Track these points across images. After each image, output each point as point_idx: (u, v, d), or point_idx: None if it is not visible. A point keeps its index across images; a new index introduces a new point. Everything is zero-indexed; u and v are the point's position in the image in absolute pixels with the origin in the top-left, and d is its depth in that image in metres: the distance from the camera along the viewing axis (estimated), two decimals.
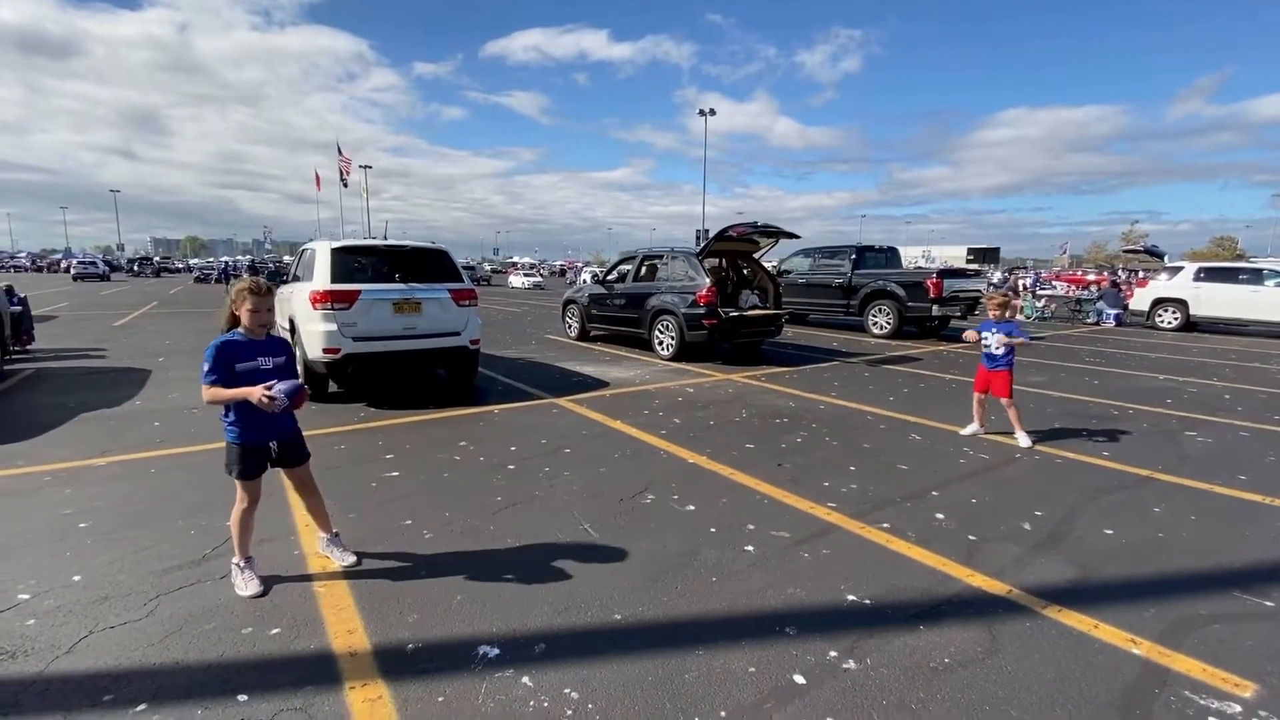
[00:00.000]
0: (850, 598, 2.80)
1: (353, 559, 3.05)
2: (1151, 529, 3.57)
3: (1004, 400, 5.27)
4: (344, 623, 2.56)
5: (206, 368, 2.65)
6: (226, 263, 43.79)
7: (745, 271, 10.85)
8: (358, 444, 5.00)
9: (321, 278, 6.04)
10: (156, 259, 58.85)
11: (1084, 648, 2.45)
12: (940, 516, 3.71)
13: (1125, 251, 37.16)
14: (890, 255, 14.90)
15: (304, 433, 3.06)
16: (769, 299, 10.35)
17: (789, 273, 14.97)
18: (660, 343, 9.51)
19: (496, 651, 2.37)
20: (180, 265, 64.89)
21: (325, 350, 5.89)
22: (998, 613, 2.69)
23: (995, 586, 2.90)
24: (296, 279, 7.18)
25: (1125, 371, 9.15)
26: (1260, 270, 14.89)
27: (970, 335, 5.50)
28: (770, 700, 2.13)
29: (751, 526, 3.52)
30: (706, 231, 36.26)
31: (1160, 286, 15.89)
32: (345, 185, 45.03)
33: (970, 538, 3.42)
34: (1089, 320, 17.30)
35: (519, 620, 2.58)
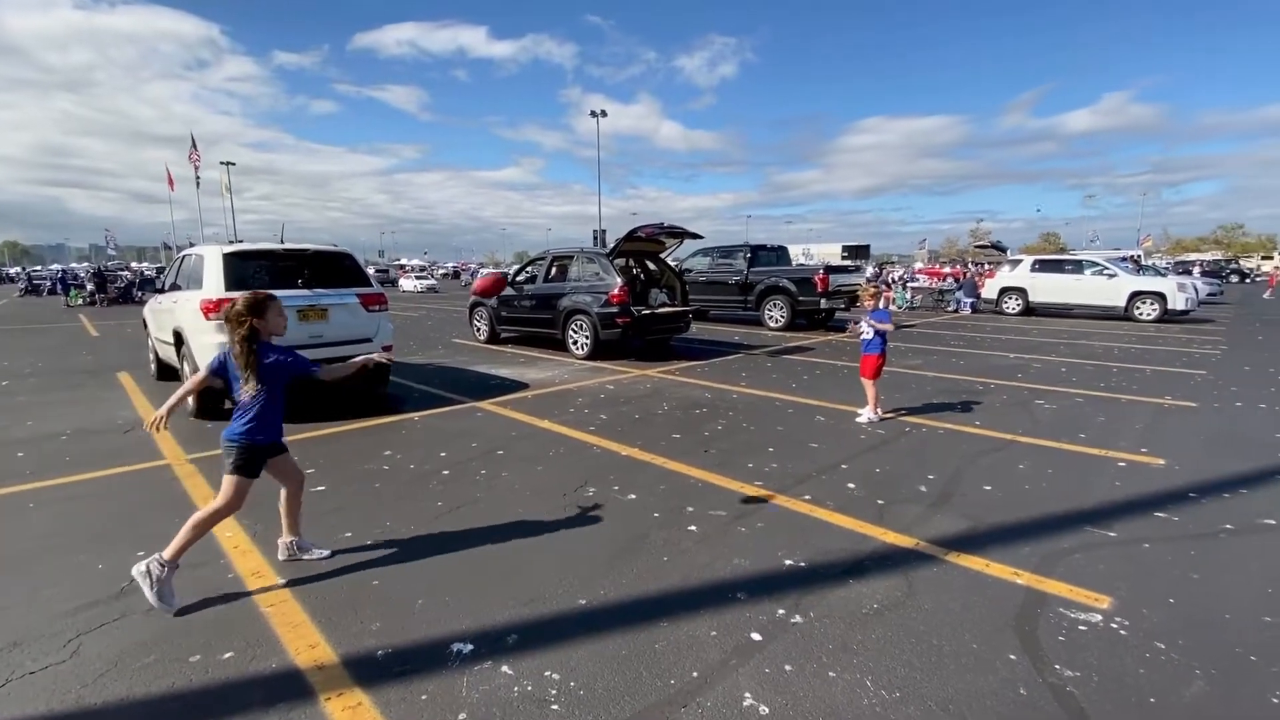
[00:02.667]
0: (788, 562, 3.11)
1: (326, 551, 3.17)
2: (1019, 483, 4.21)
3: (866, 380, 5.89)
4: (303, 638, 2.49)
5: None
6: (64, 271, 38.27)
7: (653, 270, 11.18)
8: None
9: (213, 285, 5.60)
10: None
11: (980, 583, 2.90)
12: (852, 486, 4.15)
13: (975, 247, 41.83)
14: (781, 253, 15.89)
15: (206, 453, 3.03)
16: (677, 296, 10.75)
17: (690, 271, 15.54)
18: (575, 342, 9.61)
19: (470, 647, 2.43)
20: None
21: None
22: (910, 562, 3.11)
23: (905, 541, 3.33)
24: (176, 288, 6.58)
25: (983, 352, 10.43)
26: (1081, 261, 17.44)
27: (853, 329, 6.10)
28: (734, 657, 2.36)
29: (691, 508, 3.77)
30: (604, 232, 36.58)
31: (1005, 277, 18.16)
32: (199, 184, 40.88)
33: (879, 502, 3.87)
34: (950, 308, 19.40)
35: (486, 615, 2.64)
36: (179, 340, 6.02)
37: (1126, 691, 2.16)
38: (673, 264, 11.65)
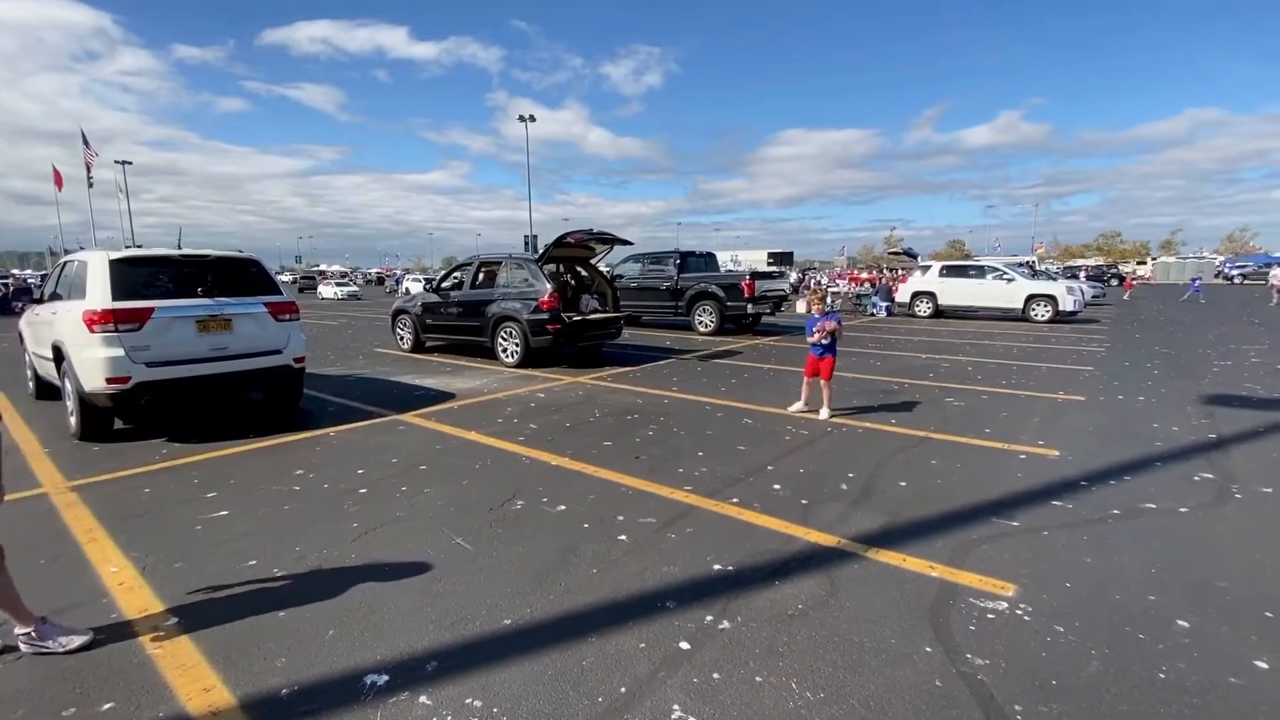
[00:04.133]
0: (716, 567, 3.12)
1: (86, 636, 2.49)
2: (932, 478, 4.43)
3: (825, 380, 6.13)
4: (196, 681, 2.28)
5: None
6: None
7: (584, 276, 11.11)
8: (167, 485, 4.33)
9: (98, 294, 5.09)
10: None
11: (898, 578, 3.01)
12: (777, 487, 4.24)
13: (889, 254, 44.14)
14: (709, 260, 16.18)
15: (94, 478, 2.60)
16: (608, 302, 10.72)
17: (621, 277, 15.56)
18: (504, 350, 9.40)
19: (385, 678, 2.29)
20: None
21: (110, 380, 4.97)
22: (833, 561, 3.19)
23: (828, 539, 3.42)
24: (56, 297, 5.96)
25: (897, 353, 10.98)
26: (983, 266, 18.70)
27: (824, 327, 6.14)
28: (663, 669, 2.34)
29: (621, 517, 3.73)
30: (535, 237, 36.10)
31: (916, 282, 19.22)
32: (91, 184, 37.42)
33: (803, 502, 3.97)
34: (868, 312, 20.34)
35: (404, 642, 2.50)
36: (59, 355, 5.45)
37: (1031, 676, 2.29)
38: (604, 270, 11.63)
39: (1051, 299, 16.61)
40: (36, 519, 3.76)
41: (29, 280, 33.16)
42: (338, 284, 38.51)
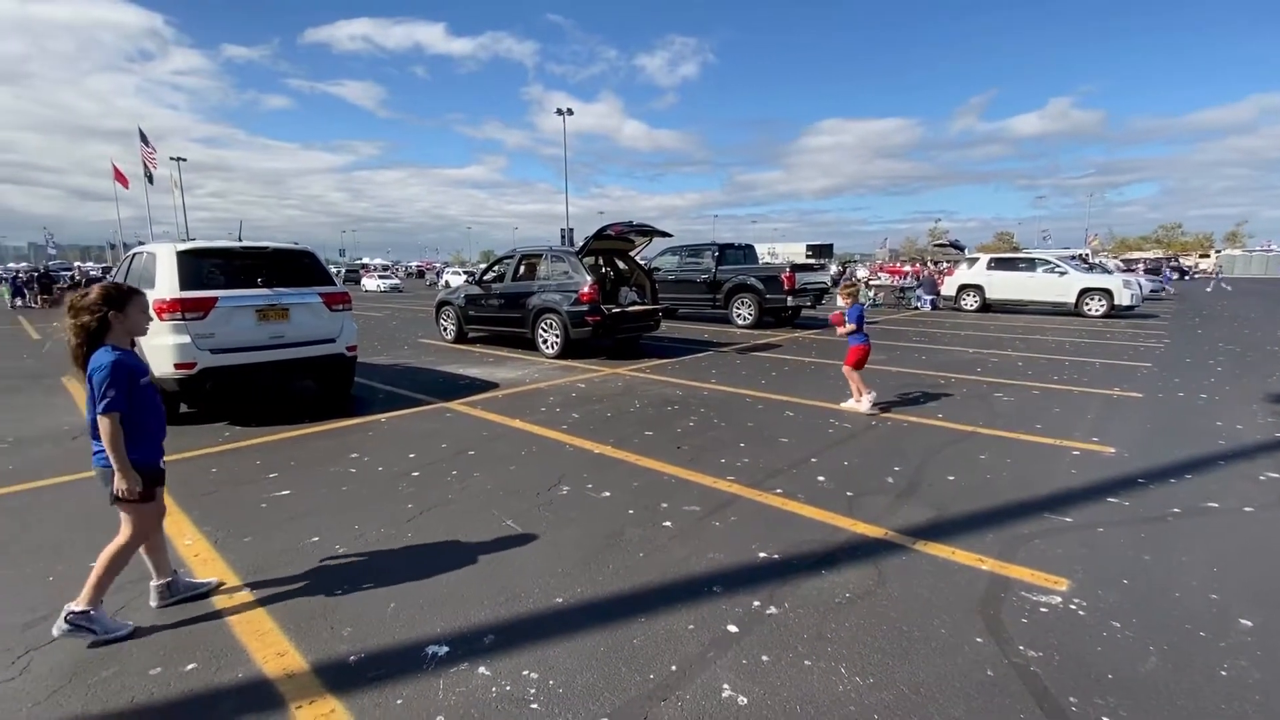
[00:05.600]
0: (761, 555, 3.15)
1: (214, 580, 2.88)
2: (981, 473, 4.35)
3: (847, 368, 6.17)
4: (270, 646, 2.42)
5: (113, 394, 2.35)
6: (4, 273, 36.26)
7: (622, 269, 11.18)
8: (232, 465, 4.57)
9: (167, 284, 5.38)
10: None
11: (947, 570, 2.99)
12: (821, 479, 4.23)
13: (934, 246, 42.99)
14: (748, 252, 16.06)
15: (164, 458, 2.78)
16: (646, 295, 10.77)
17: (658, 270, 15.57)
18: (545, 341, 9.54)
19: (446, 649, 2.40)
20: None
21: (177, 365, 5.26)
22: (879, 552, 3.18)
23: (874, 531, 3.41)
24: None
25: (943, 347, 10.73)
26: (1034, 260, 18.08)
27: (837, 323, 6.32)
28: (712, 650, 2.38)
29: (665, 505, 3.78)
30: (571, 230, 36.38)
31: (963, 275, 18.70)
32: (151, 181, 39.17)
33: (848, 494, 3.95)
34: (911, 306, 19.89)
35: (461, 617, 2.61)
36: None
37: (1086, 669, 2.25)
38: (641, 263, 11.67)
39: (1107, 293, 15.97)
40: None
41: (92, 273, 35.02)
42: (380, 277, 39.56)
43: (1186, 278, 45.66)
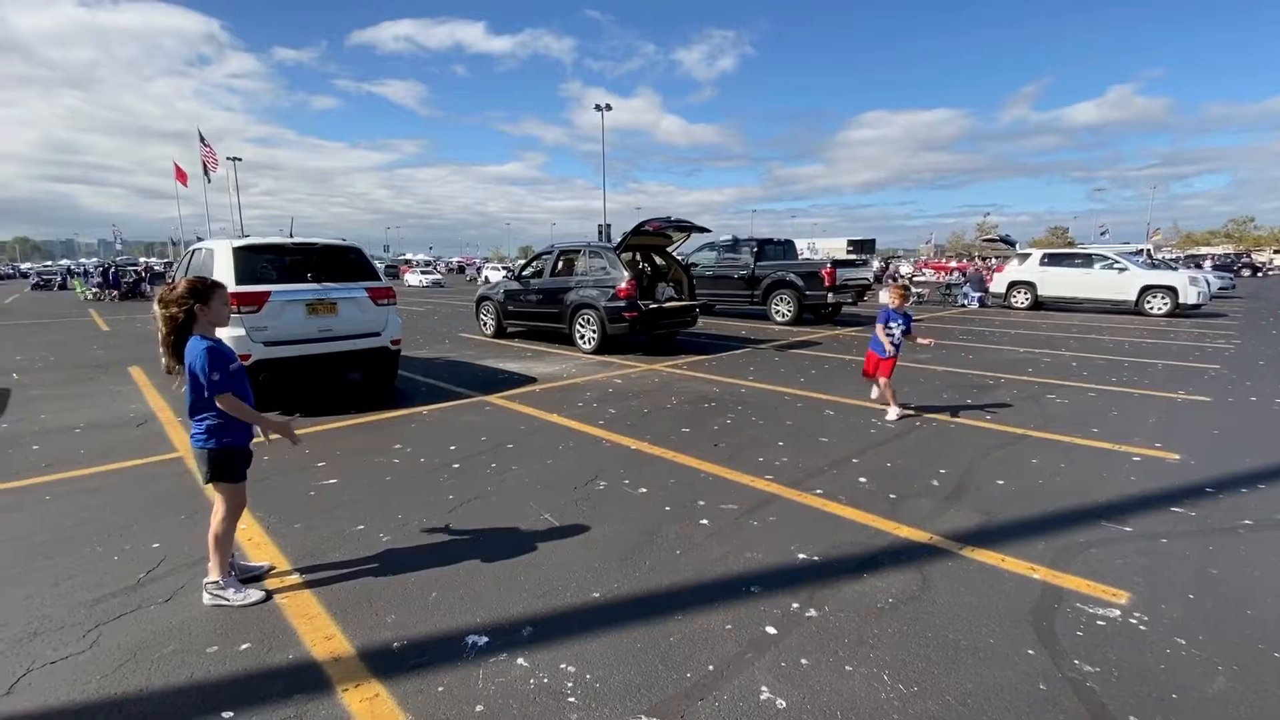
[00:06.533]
0: (800, 556, 3.09)
1: (266, 564, 3.02)
2: (1032, 477, 4.18)
3: (885, 380, 5.80)
4: (319, 630, 2.50)
5: (217, 376, 2.56)
6: (69, 267, 38.55)
7: (660, 265, 11.15)
8: (281, 454, 4.72)
9: (224, 278, 5.60)
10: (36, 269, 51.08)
11: (996, 577, 2.88)
12: (863, 480, 4.13)
13: (983, 241, 41.58)
14: (787, 247, 15.82)
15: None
16: (684, 291, 10.72)
17: (696, 265, 15.48)
18: (582, 336, 9.60)
19: (485, 639, 2.43)
20: (10, 270, 56.49)
21: None
22: (924, 557, 3.09)
23: (919, 535, 3.31)
24: None
25: (992, 346, 10.37)
26: (1090, 255, 17.29)
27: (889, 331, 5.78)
28: (750, 651, 2.36)
29: (702, 502, 3.76)
30: (609, 226, 36.49)
31: (1013, 271, 18.02)
32: (209, 180, 40.94)
33: (891, 496, 3.85)
34: (958, 303, 19.28)
35: (500, 608, 2.64)
36: None
37: (1148, 687, 2.14)
38: (679, 258, 11.62)
39: (1171, 290, 15.16)
40: (174, 479, 4.21)
41: (155, 267, 36.88)
42: (422, 272, 40.42)
43: (1260, 274, 43.00)
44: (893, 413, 5.71)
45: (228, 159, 47.65)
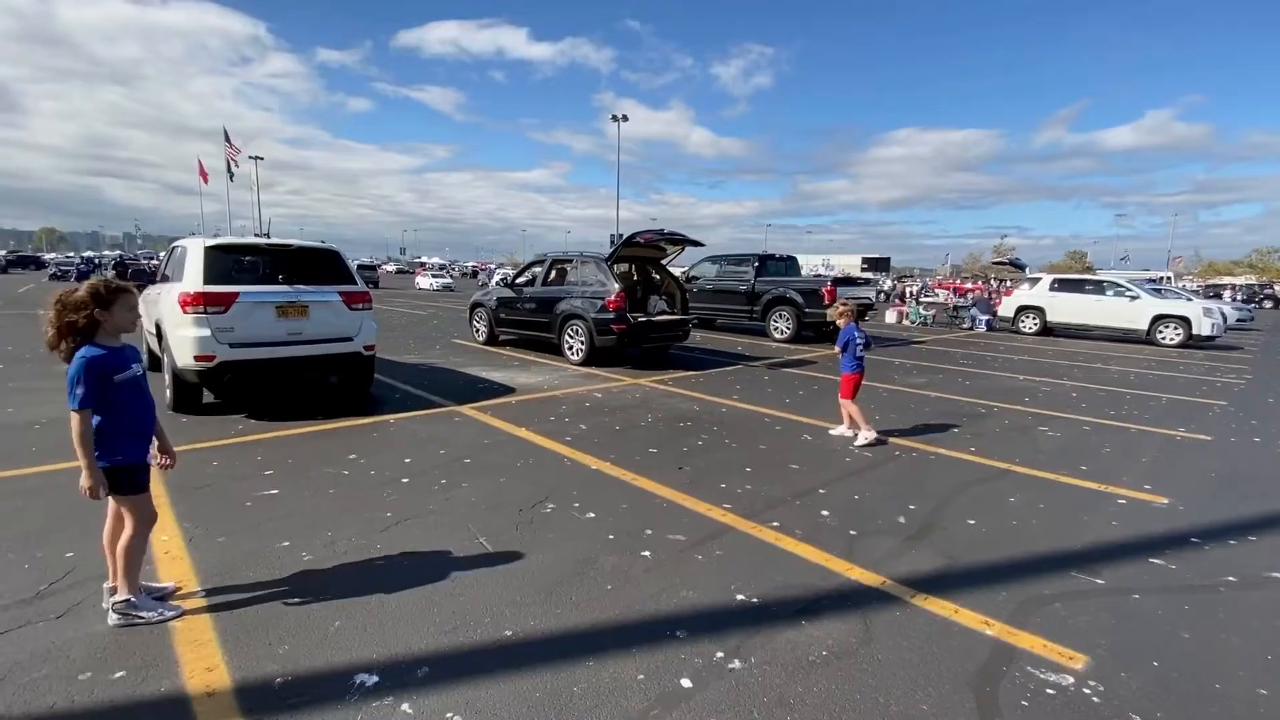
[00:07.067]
0: (739, 597, 2.89)
1: (171, 584, 2.81)
2: (1007, 518, 3.94)
3: (842, 400, 5.73)
4: (202, 660, 2.34)
5: (80, 391, 2.35)
6: (85, 258, 39.17)
7: (654, 277, 11.00)
8: (233, 459, 4.60)
9: (192, 278, 5.53)
10: (4, 252, 52.38)
11: (945, 632, 2.66)
12: (825, 513, 3.91)
13: (994, 263, 41.06)
14: (790, 264, 15.61)
15: (174, 448, 2.82)
16: (676, 304, 10.55)
17: (697, 278, 15.33)
18: (570, 347, 9.45)
19: (375, 679, 2.25)
20: (34, 260, 57.83)
21: (197, 357, 5.38)
22: (872, 604, 2.87)
23: (871, 578, 3.09)
24: (166, 279, 6.54)
25: (992, 372, 10.07)
26: (1102, 282, 16.91)
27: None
28: (656, 707, 2.16)
29: (650, 531, 3.56)
30: (621, 236, 36.51)
31: (1023, 295, 17.66)
32: (232, 178, 41.54)
33: (851, 533, 3.63)
34: (965, 325, 18.93)
35: (402, 643, 2.46)
36: (159, 333, 5.97)
37: None
38: (677, 272, 11.46)
39: (1184, 320, 14.75)
40: None
41: (144, 264, 37.38)
42: (434, 275, 40.57)
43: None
44: (862, 436, 5.53)
45: (250, 157, 48.39)
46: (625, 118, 39.45)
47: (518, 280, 10.89)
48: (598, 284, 9.33)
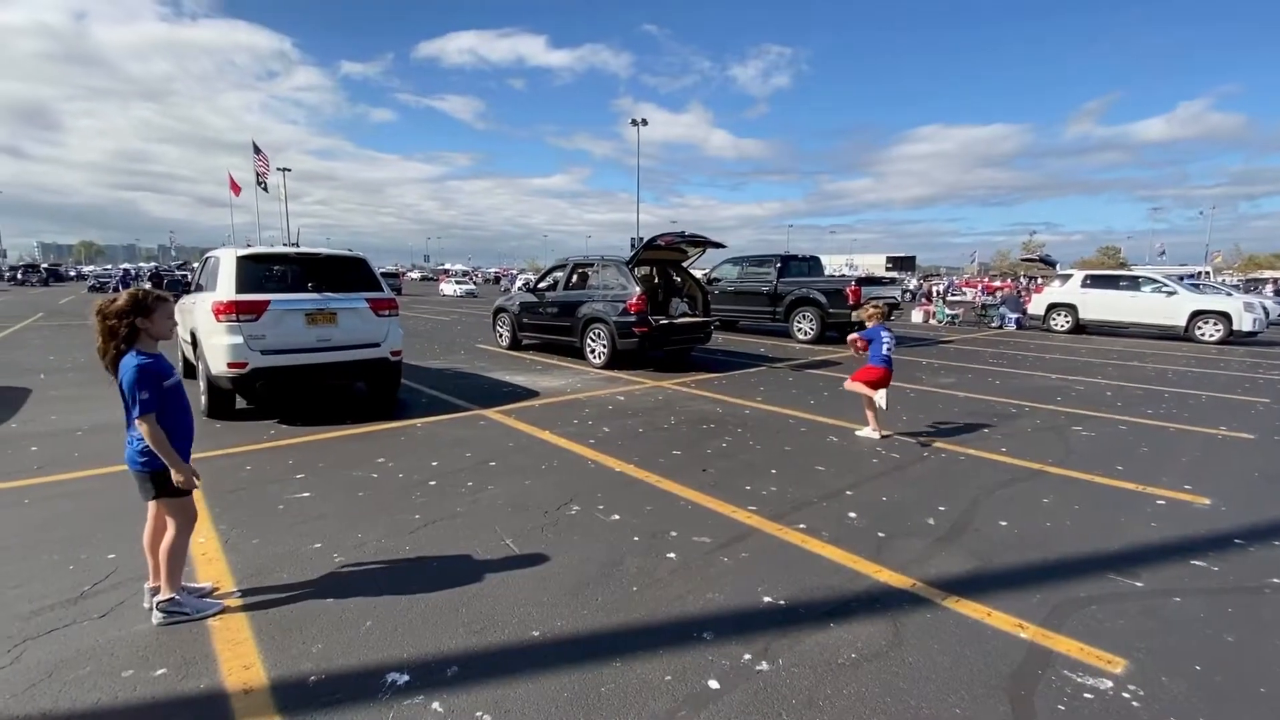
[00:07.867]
0: (766, 599, 2.87)
1: (209, 584, 2.90)
2: (1041, 519, 3.86)
3: (850, 383, 5.83)
4: (240, 658, 2.40)
5: (145, 396, 2.45)
6: (126, 270, 40.47)
7: (675, 280, 11.00)
8: (266, 464, 4.71)
9: (225, 287, 5.68)
10: (45, 266, 54.48)
11: (978, 635, 2.61)
12: (853, 515, 3.87)
13: (1023, 260, 40.17)
14: (813, 264, 15.49)
15: (208, 453, 2.91)
16: (698, 306, 10.53)
17: (719, 280, 15.29)
18: (592, 351, 9.49)
19: (406, 678, 2.29)
20: (73, 273, 60.01)
21: (230, 365, 5.53)
22: (902, 606, 2.83)
23: (900, 580, 3.05)
24: (200, 288, 6.73)
25: (1023, 371, 9.86)
26: (1137, 278, 16.45)
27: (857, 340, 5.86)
28: (684, 708, 2.15)
29: (674, 533, 3.56)
30: (640, 239, 36.56)
31: (1053, 292, 17.26)
32: (265, 189, 42.54)
33: (880, 534, 3.59)
34: (993, 324, 18.56)
35: (432, 643, 2.50)
36: (194, 341, 6.14)
37: None
38: (699, 274, 11.45)
39: (1224, 316, 14.27)
40: None
41: (178, 274, 38.48)
42: (457, 282, 41.04)
43: None
44: (874, 432, 5.56)
45: (278, 169, 49.56)
46: (645, 122, 39.55)
47: (540, 285, 10.98)
48: (619, 287, 9.37)
